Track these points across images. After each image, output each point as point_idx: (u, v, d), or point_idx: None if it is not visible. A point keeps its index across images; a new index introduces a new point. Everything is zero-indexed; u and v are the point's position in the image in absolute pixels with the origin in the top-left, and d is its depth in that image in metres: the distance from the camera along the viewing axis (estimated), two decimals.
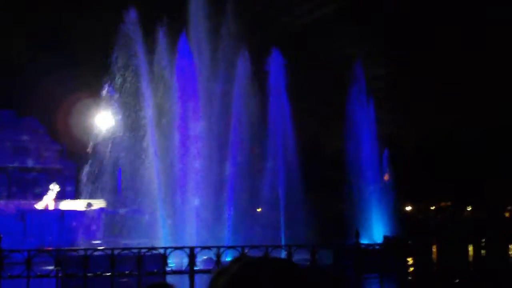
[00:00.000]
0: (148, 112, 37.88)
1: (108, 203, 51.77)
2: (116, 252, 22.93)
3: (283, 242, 38.01)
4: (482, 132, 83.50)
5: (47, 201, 53.11)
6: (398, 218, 50.27)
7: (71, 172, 60.37)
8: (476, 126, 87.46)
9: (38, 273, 17.68)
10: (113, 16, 36.40)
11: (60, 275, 19.00)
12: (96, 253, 22.36)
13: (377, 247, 41.02)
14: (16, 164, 58.86)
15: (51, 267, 26.92)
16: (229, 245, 34.86)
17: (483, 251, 55.52)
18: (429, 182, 78.86)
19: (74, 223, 47.69)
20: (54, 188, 53.73)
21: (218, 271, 3.54)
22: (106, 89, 37.40)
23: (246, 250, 32.40)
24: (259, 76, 42.46)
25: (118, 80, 37.41)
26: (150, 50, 38.58)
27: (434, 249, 53.17)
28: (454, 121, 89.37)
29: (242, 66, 41.25)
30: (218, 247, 32.05)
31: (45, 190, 54.13)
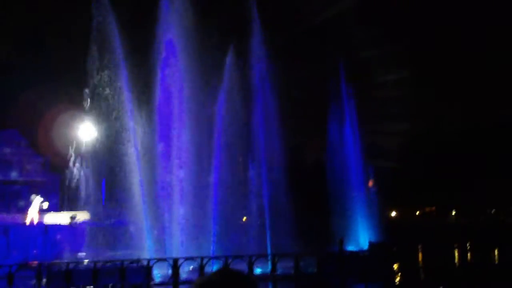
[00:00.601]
0: (130, 123, 37.79)
1: (92, 215, 51.50)
2: (98, 265, 22.86)
3: (268, 251, 38.04)
4: (464, 132, 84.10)
5: (32, 214, 52.71)
6: (383, 224, 50.39)
7: (55, 185, 60.02)
8: (458, 126, 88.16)
9: None
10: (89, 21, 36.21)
11: None
12: (79, 266, 22.30)
13: (362, 253, 41.30)
14: None
15: (33, 282, 26.76)
16: (214, 255, 34.93)
17: (469, 255, 55.78)
18: (413, 187, 79.28)
19: (58, 236, 47.39)
20: (36, 199, 53.35)
21: (199, 283, 3.63)
22: (88, 100, 37.27)
23: (229, 260, 32.46)
24: (244, 86, 42.52)
25: (100, 91, 37.31)
26: (133, 59, 38.53)
27: (419, 254, 53.36)
28: (436, 123, 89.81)
29: (228, 75, 41.34)
30: (202, 258, 32.07)
31: (29, 203, 53.76)
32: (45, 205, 53.70)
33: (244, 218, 46.03)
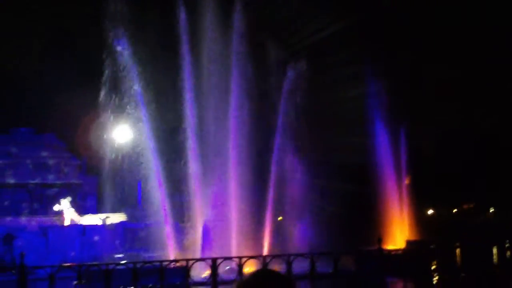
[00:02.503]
0: (165, 125, 38.04)
1: (129, 216, 51.99)
2: (138, 265, 23.03)
3: (306, 250, 37.84)
4: (503, 127, 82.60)
5: (70, 216, 53.46)
6: (420, 222, 49.92)
7: (92, 187, 60.69)
8: (496, 121, 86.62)
9: None
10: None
11: None
12: (118, 267, 22.46)
13: (399, 252, 40.94)
14: (37, 181, 59.29)
15: (74, 282, 27.11)
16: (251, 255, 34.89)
17: (508, 253, 54.80)
18: (450, 184, 78.25)
19: (96, 238, 47.97)
20: (65, 202, 54.11)
21: (240, 284, 3.65)
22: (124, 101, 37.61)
23: (268, 260, 32.43)
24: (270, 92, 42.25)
25: (135, 93, 37.61)
26: (166, 64, 38.78)
27: (457, 252, 52.63)
28: (473, 117, 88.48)
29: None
30: (240, 258, 32.07)
31: (63, 206, 54.49)
32: (66, 202, 54.31)
33: (280, 218, 45.95)
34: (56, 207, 54.59)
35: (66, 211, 53.65)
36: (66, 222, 52.71)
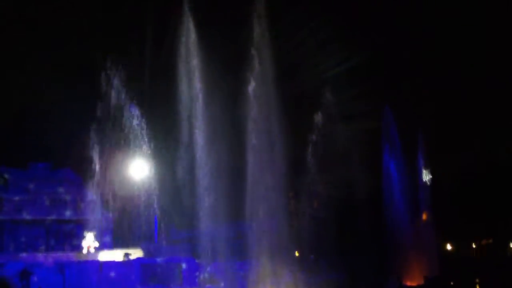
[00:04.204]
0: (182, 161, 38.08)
1: (145, 252, 51.84)
2: None
3: None
4: None
5: (87, 252, 53.46)
6: (438, 258, 49.36)
7: (108, 223, 60.67)
8: None
9: None
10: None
11: None
12: None
13: None
14: (53, 217, 59.44)
15: None
16: None
17: None
18: (468, 219, 77.38)
19: (112, 274, 47.72)
20: (88, 237, 54.16)
21: None
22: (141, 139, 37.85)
23: None
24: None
25: (152, 132, 37.86)
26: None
27: None
28: (490, 150, 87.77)
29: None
30: None
31: (82, 242, 54.59)
32: (96, 243, 54.43)
33: (296, 253, 45.60)
34: (83, 243, 54.61)
35: (92, 245, 53.77)
36: (82, 258, 52.68)
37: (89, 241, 54.13)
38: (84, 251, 53.52)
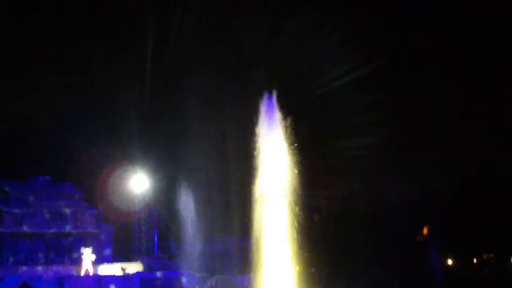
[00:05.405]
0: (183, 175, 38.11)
1: (145, 266, 51.73)
2: None
3: None
4: None
5: (86, 266, 53.28)
6: (439, 273, 49.15)
7: (108, 236, 60.50)
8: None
9: None
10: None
11: None
12: None
13: None
14: (53, 230, 59.32)
15: None
16: None
17: None
18: (469, 233, 77.12)
19: (112, 287, 47.63)
20: (86, 252, 54.00)
21: None
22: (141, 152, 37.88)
23: None
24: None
25: (152, 145, 37.89)
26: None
27: None
28: (490, 163, 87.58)
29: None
30: None
31: (81, 255, 54.46)
32: (93, 257, 54.20)
33: (298, 266, 45.44)
34: (86, 255, 54.42)
35: (88, 259, 53.57)
36: (82, 272, 52.54)
37: (87, 256, 53.98)
38: (83, 265, 53.35)
